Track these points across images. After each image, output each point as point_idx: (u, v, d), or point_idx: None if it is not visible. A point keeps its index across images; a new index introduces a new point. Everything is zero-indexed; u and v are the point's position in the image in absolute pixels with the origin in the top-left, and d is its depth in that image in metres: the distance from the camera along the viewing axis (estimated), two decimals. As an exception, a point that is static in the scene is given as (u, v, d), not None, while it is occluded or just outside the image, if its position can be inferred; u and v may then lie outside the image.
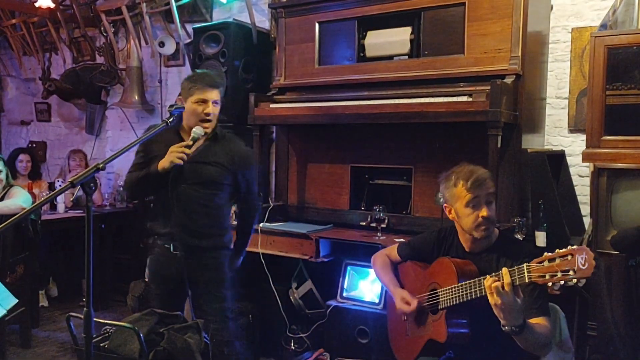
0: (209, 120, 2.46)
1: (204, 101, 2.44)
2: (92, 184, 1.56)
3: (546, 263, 1.65)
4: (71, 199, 4.70)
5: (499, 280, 1.72)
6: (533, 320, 1.85)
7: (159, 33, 5.06)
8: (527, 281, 1.69)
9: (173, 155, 2.33)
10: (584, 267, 1.56)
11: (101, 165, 1.58)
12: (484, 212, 1.96)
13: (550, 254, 1.66)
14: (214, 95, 2.47)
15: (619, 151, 2.62)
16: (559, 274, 1.60)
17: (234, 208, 2.82)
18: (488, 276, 1.77)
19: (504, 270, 1.75)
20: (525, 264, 1.70)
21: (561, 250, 1.63)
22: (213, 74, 2.60)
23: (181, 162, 2.33)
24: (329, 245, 3.27)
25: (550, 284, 1.64)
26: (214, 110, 2.48)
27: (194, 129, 2.41)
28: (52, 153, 6.29)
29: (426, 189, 3.20)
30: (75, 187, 1.53)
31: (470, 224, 2.00)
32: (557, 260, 1.62)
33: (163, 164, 2.35)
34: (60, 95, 5.79)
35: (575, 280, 1.59)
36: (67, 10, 5.39)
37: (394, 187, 3.43)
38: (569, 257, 1.60)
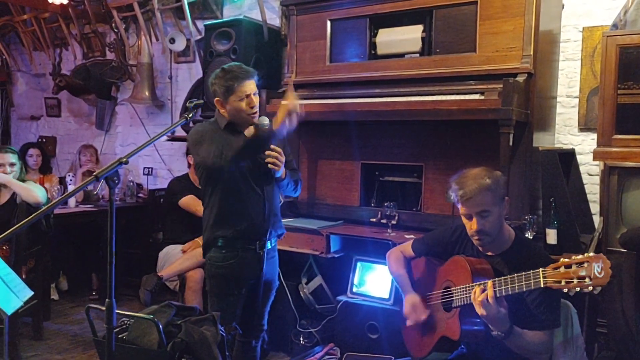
0: (255, 113, 2.38)
1: (247, 95, 2.34)
2: (115, 178, 1.59)
3: (562, 269, 1.66)
4: (94, 192, 4.75)
5: (484, 293, 1.80)
6: (531, 332, 1.90)
7: (169, 29, 5.10)
8: (542, 286, 1.71)
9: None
10: (600, 276, 1.57)
11: (124, 159, 1.61)
12: (473, 225, 1.99)
13: (566, 259, 1.67)
14: (253, 86, 2.37)
15: (630, 150, 2.63)
16: (575, 281, 1.61)
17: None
18: (476, 287, 1.84)
19: (489, 283, 1.82)
20: (540, 269, 1.72)
21: (578, 257, 1.64)
22: (241, 65, 2.44)
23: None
24: (340, 241, 3.30)
25: (565, 290, 1.65)
26: (257, 101, 2.38)
27: (260, 122, 2.32)
28: (61, 148, 6.34)
29: (437, 186, 3.21)
30: (99, 181, 1.55)
31: (468, 231, 2.05)
32: (573, 267, 1.63)
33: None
34: (71, 91, 5.83)
35: (591, 288, 1.60)
36: (78, 6, 5.42)
37: (404, 184, 3.45)
38: (585, 265, 1.61)
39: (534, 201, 2.94)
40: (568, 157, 3.23)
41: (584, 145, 3.36)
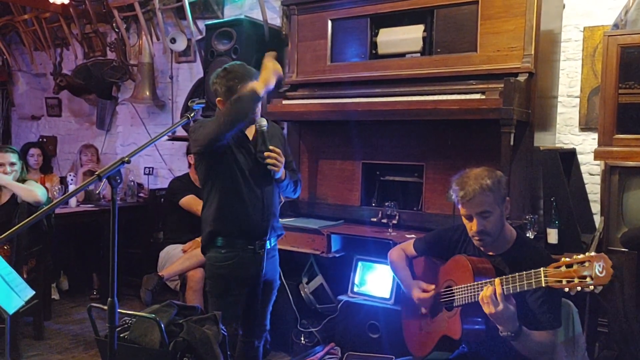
0: (256, 112, 2.36)
1: None
2: (117, 177, 1.60)
3: (563, 268, 1.65)
4: (96, 192, 4.76)
5: (491, 290, 1.79)
6: (538, 332, 1.89)
7: (170, 29, 5.10)
8: (543, 285, 1.71)
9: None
10: (601, 275, 1.57)
11: (126, 158, 1.61)
12: (474, 226, 1.98)
13: (567, 259, 1.66)
14: None
15: (632, 149, 2.64)
16: (576, 280, 1.61)
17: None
18: (488, 285, 1.83)
19: (497, 280, 1.81)
20: (542, 268, 1.72)
21: (579, 257, 1.64)
22: (243, 65, 2.42)
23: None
24: (340, 240, 3.30)
25: (566, 289, 1.65)
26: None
27: (258, 123, 2.33)
28: (62, 148, 6.35)
29: (437, 186, 3.22)
30: (102, 180, 1.55)
31: (469, 232, 2.04)
32: (575, 267, 1.63)
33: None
34: (71, 91, 5.84)
35: (592, 287, 1.59)
36: (79, 5, 5.43)
37: (405, 184, 3.45)
38: (587, 264, 1.61)
39: (535, 201, 2.95)
40: (569, 157, 3.23)
41: (585, 144, 3.36)
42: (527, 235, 2.69)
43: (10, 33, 6.39)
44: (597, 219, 3.15)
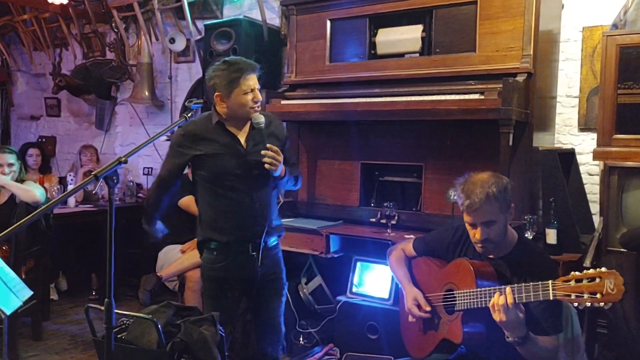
0: (258, 107, 2.29)
1: (252, 89, 2.24)
2: (114, 177, 1.59)
3: (573, 283, 1.62)
4: (94, 192, 4.75)
5: (503, 298, 1.77)
6: (542, 338, 1.88)
7: (169, 29, 5.10)
8: (551, 298, 1.68)
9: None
10: (612, 292, 1.54)
11: (123, 158, 1.60)
12: (477, 234, 1.96)
13: (577, 273, 1.63)
14: (256, 80, 2.28)
15: (631, 150, 2.63)
16: (586, 296, 1.58)
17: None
18: (496, 294, 1.81)
19: (508, 289, 1.79)
20: (550, 281, 1.69)
21: (589, 272, 1.61)
22: (243, 58, 2.32)
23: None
24: (339, 241, 3.29)
25: (575, 304, 1.62)
26: (259, 95, 2.30)
27: (255, 120, 2.26)
28: (61, 148, 6.34)
29: (437, 186, 3.21)
30: (99, 180, 1.55)
31: (472, 239, 2.02)
32: (585, 282, 1.60)
33: None
34: (70, 91, 5.83)
35: (602, 304, 1.56)
36: (78, 5, 5.42)
37: (404, 184, 3.45)
38: (597, 280, 1.57)
39: (534, 201, 2.94)
40: (568, 157, 3.22)
41: (584, 145, 3.35)
42: (526, 235, 2.68)
43: (10, 33, 6.38)
44: (596, 220, 3.14)
